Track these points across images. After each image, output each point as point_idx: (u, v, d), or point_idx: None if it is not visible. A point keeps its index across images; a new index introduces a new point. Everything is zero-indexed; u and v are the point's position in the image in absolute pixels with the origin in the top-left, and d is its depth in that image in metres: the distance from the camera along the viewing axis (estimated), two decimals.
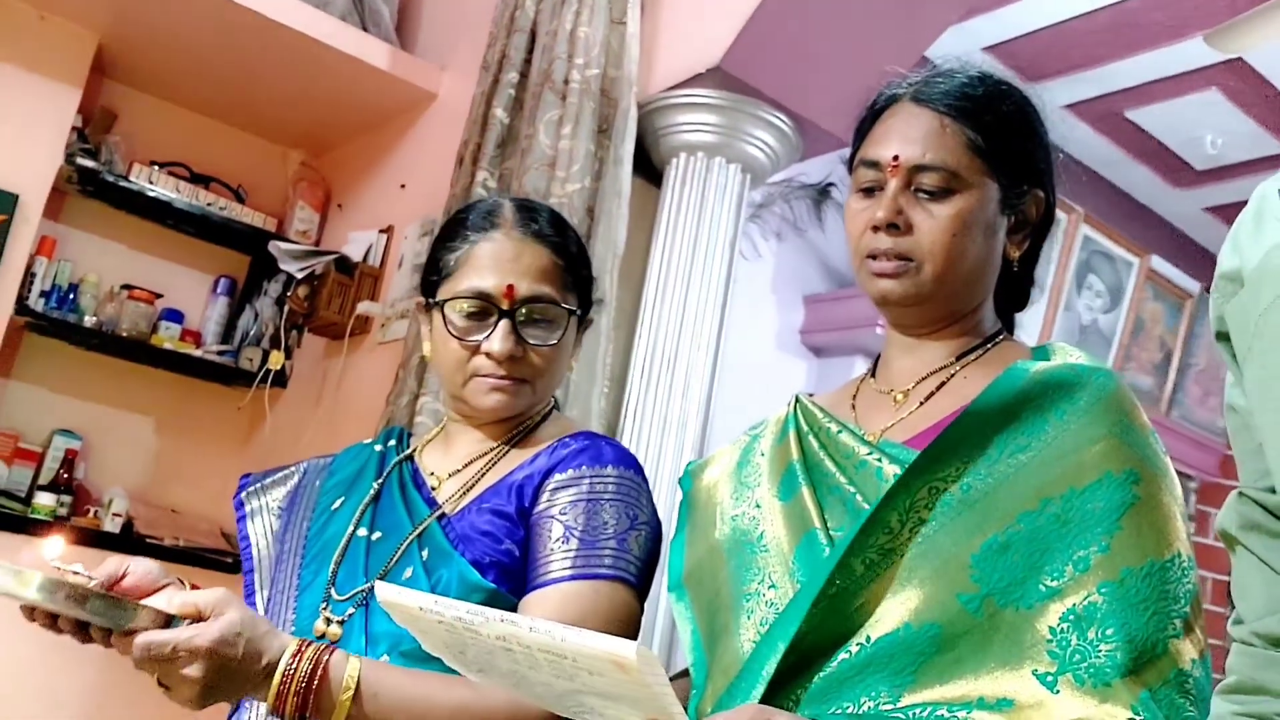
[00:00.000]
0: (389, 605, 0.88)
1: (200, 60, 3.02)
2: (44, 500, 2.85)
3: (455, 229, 1.27)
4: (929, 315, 1.05)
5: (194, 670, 0.95)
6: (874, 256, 1.02)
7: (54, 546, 1.01)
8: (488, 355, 1.20)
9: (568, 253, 1.26)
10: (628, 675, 0.73)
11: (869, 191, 1.04)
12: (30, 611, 0.98)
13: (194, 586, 1.08)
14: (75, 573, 0.99)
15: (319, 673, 0.98)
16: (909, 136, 1.02)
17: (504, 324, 1.19)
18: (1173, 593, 0.86)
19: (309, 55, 2.86)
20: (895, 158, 1.01)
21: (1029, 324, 4.31)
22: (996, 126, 1.02)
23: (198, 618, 0.97)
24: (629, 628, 1.13)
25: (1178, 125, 4.12)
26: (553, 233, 1.26)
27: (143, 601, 0.99)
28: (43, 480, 2.94)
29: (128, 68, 3.14)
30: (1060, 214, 4.08)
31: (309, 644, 1.01)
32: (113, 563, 1.04)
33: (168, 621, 0.96)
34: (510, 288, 1.19)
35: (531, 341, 1.21)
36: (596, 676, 0.76)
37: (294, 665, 0.98)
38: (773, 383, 3.76)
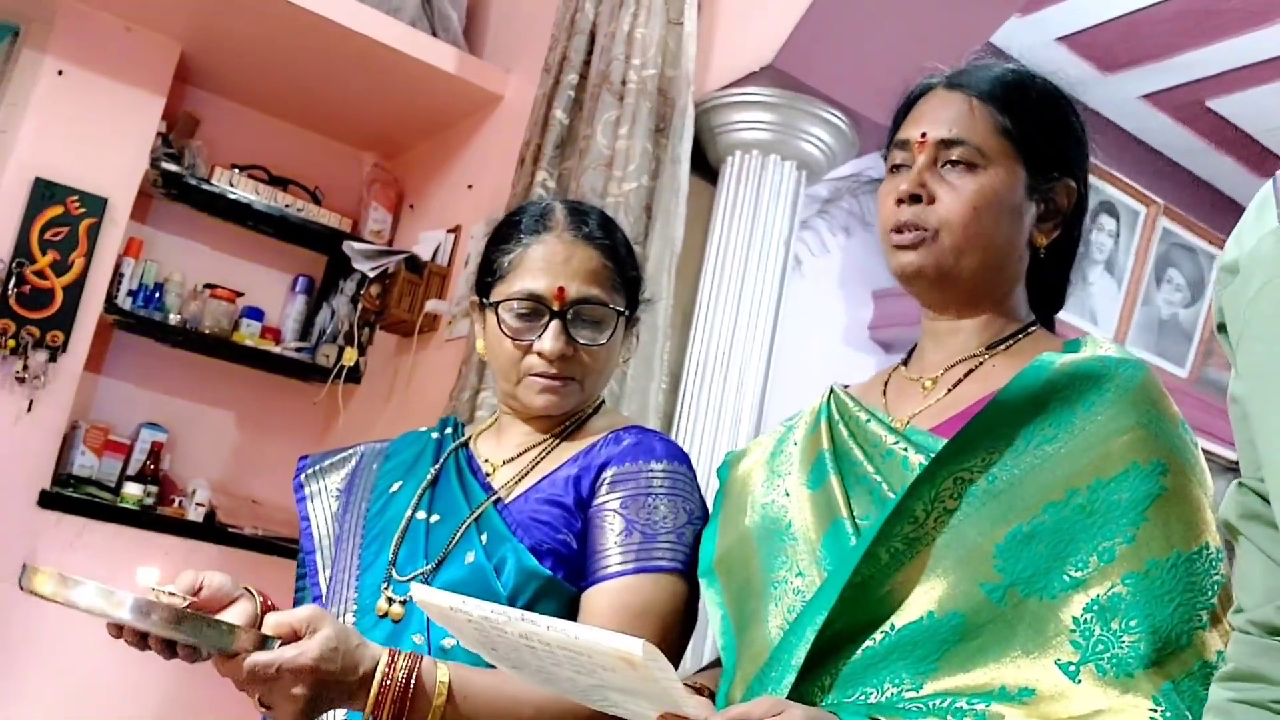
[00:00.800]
0: (424, 605, 0.92)
1: (278, 67, 3.12)
2: (132, 490, 2.98)
3: (508, 231, 1.31)
4: (952, 294, 1.06)
5: (300, 689, 0.97)
6: (898, 230, 1.04)
7: (149, 575, 1.02)
8: (539, 354, 1.23)
9: (617, 255, 1.29)
10: (636, 670, 0.76)
11: (898, 170, 1.07)
12: (118, 630, 1.00)
13: (263, 596, 1.11)
14: (171, 594, 1.01)
15: (413, 680, 1.02)
16: (938, 118, 1.05)
17: (555, 324, 1.23)
18: (1199, 584, 0.86)
19: (381, 60, 2.94)
20: (923, 135, 1.04)
21: (1105, 318, 4.21)
22: (1025, 111, 1.04)
23: (292, 636, 1.00)
24: (689, 618, 1.17)
25: (1261, 113, 4.00)
26: (602, 235, 1.29)
27: (229, 619, 1.02)
28: (131, 471, 3.07)
29: (209, 75, 3.26)
30: (1138, 206, 3.99)
31: (399, 653, 1.04)
32: (188, 576, 1.07)
33: (263, 641, 0.98)
34: (561, 290, 1.23)
35: (581, 341, 1.24)
36: (610, 672, 0.79)
37: (389, 675, 1.01)
38: (841, 378, 3.74)
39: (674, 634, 1.15)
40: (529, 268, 1.25)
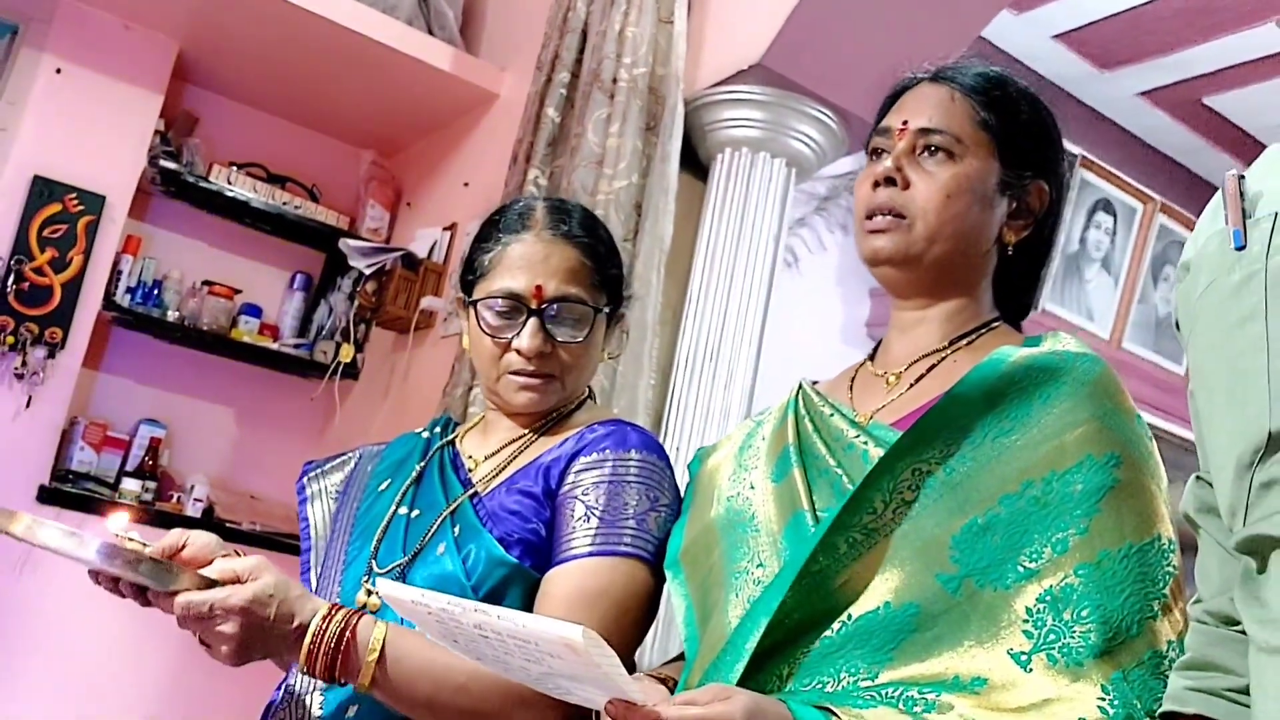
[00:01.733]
0: (389, 599, 0.95)
1: (275, 65, 3.14)
2: (130, 486, 3.00)
3: (489, 230, 1.34)
4: (919, 280, 1.07)
5: (228, 628, 1.02)
6: (871, 215, 1.06)
7: (118, 520, 1.09)
8: (518, 352, 1.25)
9: (596, 253, 1.31)
10: (579, 656, 0.77)
11: (878, 155, 1.09)
12: (96, 577, 1.07)
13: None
14: (131, 539, 1.07)
15: (346, 635, 1.05)
16: (920, 108, 1.07)
17: (533, 322, 1.24)
18: (1151, 575, 0.87)
19: (377, 58, 2.96)
20: (904, 123, 1.06)
21: (1102, 316, 4.19)
22: (1005, 108, 1.07)
23: (236, 582, 1.04)
24: (647, 603, 1.18)
25: (1258, 110, 4.00)
26: (582, 233, 1.30)
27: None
28: (129, 467, 3.09)
29: (207, 73, 3.28)
30: (1136, 203, 3.99)
31: (339, 608, 1.07)
32: (174, 534, 1.11)
33: (208, 585, 1.04)
34: (539, 288, 1.25)
35: (560, 339, 1.26)
36: (557, 659, 0.80)
37: (323, 627, 1.05)
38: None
39: (631, 620, 1.15)
40: (508, 266, 1.27)
